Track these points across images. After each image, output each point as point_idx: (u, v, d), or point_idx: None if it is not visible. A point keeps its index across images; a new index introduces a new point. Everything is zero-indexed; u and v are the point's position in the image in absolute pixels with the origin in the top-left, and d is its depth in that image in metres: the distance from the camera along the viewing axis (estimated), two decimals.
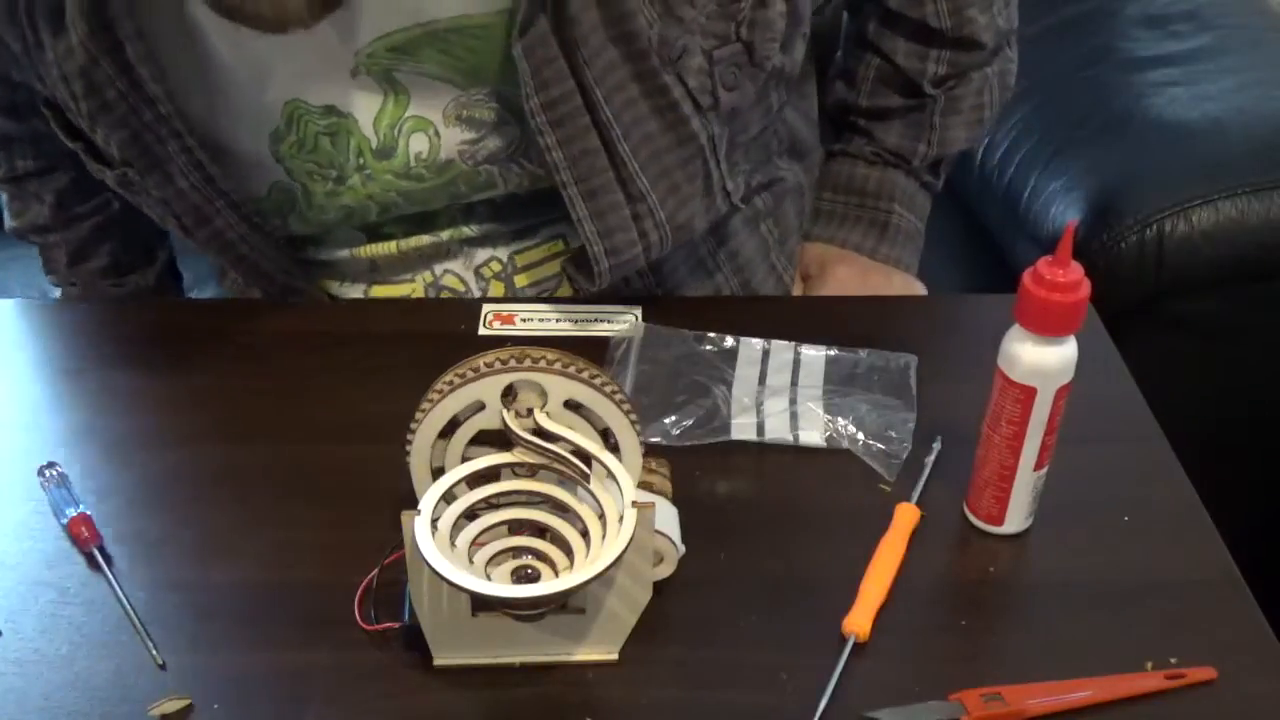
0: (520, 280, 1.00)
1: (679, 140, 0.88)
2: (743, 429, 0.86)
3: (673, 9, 0.84)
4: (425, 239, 0.97)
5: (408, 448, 0.70)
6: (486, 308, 0.97)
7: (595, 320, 0.96)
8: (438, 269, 1.00)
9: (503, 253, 0.99)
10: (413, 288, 1.00)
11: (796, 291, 1.11)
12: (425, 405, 0.69)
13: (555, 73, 0.83)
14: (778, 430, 0.86)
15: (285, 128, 0.89)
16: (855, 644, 0.72)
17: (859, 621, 0.73)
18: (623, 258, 0.90)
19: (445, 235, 0.97)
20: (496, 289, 1.00)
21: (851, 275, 1.10)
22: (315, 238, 0.98)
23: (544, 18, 0.81)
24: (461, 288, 1.00)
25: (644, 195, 0.88)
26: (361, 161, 0.90)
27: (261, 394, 0.90)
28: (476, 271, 1.00)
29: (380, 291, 1.01)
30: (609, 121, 0.85)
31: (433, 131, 0.89)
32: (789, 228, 1.08)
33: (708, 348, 0.92)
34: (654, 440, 0.84)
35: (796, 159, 1.09)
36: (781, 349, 0.93)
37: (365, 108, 0.88)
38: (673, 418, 0.86)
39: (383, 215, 0.95)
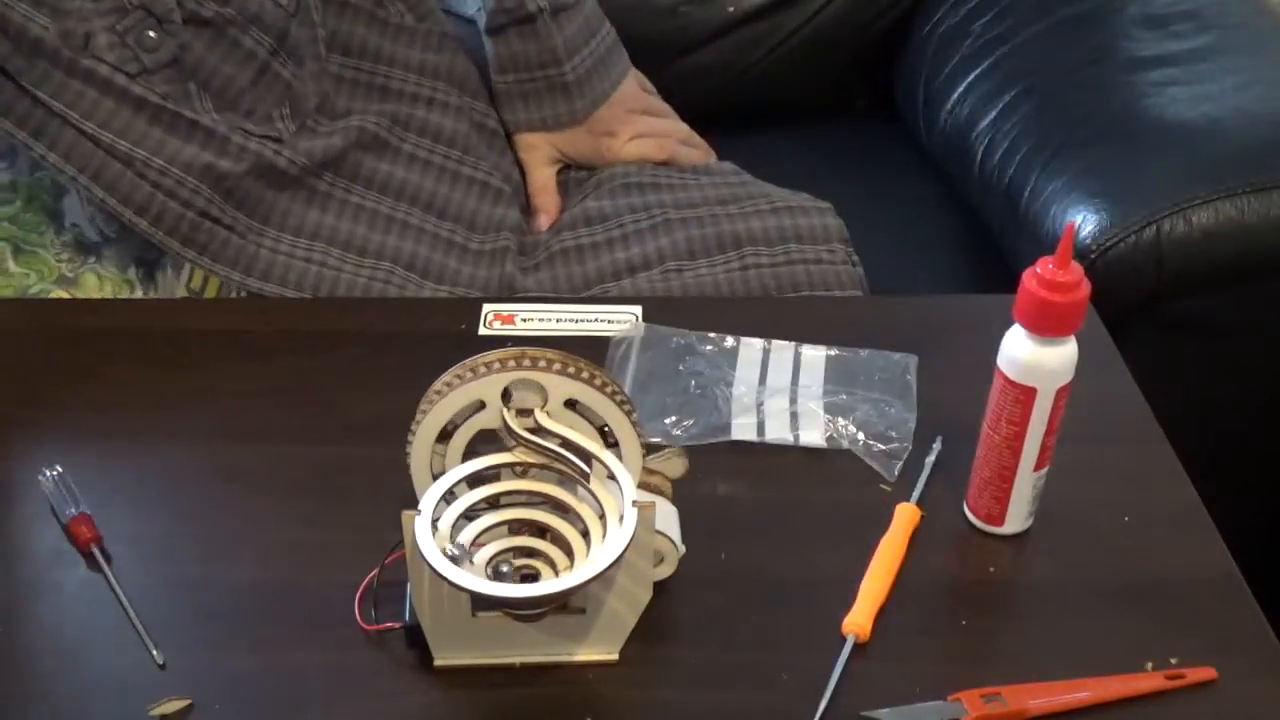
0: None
1: (134, 106, 0.93)
2: (743, 429, 0.86)
3: (59, 5, 0.90)
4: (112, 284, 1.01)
5: (408, 448, 0.70)
6: (486, 308, 0.97)
7: (595, 320, 0.96)
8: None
9: (185, 273, 1.02)
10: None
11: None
12: (425, 405, 0.69)
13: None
14: (778, 430, 0.86)
15: None
16: (855, 644, 0.72)
17: (859, 621, 0.73)
18: (151, 212, 0.95)
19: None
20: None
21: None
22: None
23: None
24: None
25: (130, 156, 0.94)
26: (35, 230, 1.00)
27: (261, 394, 0.90)
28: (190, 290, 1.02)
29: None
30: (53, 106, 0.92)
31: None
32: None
33: (708, 347, 0.92)
34: (654, 440, 0.84)
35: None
36: (781, 349, 0.93)
37: None
38: (673, 418, 0.86)
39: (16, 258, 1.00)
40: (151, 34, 0.93)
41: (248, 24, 0.97)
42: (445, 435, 0.70)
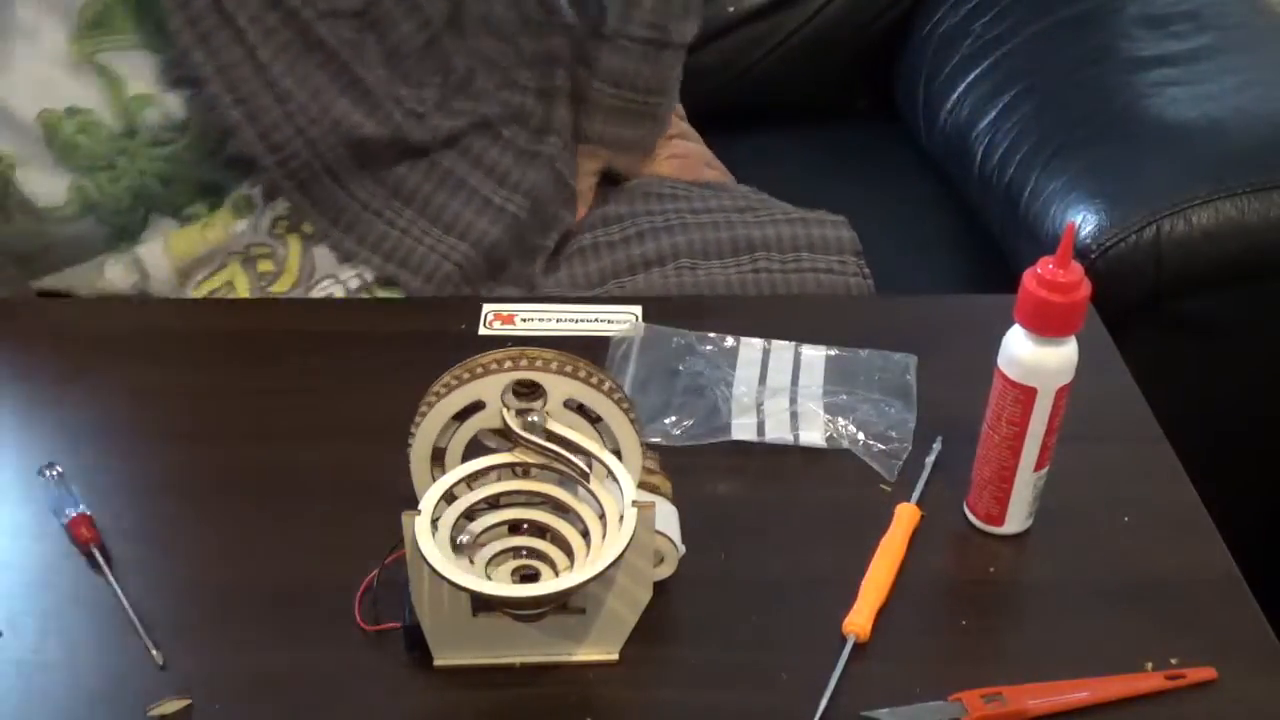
0: (308, 228, 1.02)
1: (311, 44, 0.95)
2: (743, 429, 0.86)
3: None
4: (219, 212, 1.00)
5: (408, 448, 0.70)
6: (486, 308, 0.97)
7: (595, 320, 0.96)
8: (236, 248, 1.02)
9: (280, 209, 1.01)
10: (232, 272, 1.02)
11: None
12: (425, 405, 0.69)
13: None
14: (778, 430, 0.86)
15: (49, 134, 0.95)
16: (855, 644, 0.72)
17: (859, 622, 0.73)
18: (285, 152, 0.96)
19: (232, 197, 1.00)
20: (295, 244, 1.01)
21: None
22: (134, 231, 1.00)
23: None
24: (268, 251, 1.02)
25: (290, 95, 0.95)
26: (118, 146, 0.96)
27: (261, 394, 0.90)
28: (274, 235, 1.02)
29: (207, 287, 1.02)
30: (244, 31, 0.93)
31: (154, 102, 0.95)
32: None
33: (708, 348, 0.92)
34: (654, 440, 0.84)
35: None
36: (781, 349, 0.93)
37: (99, 102, 0.94)
38: (673, 418, 0.86)
39: (167, 187, 0.98)
40: None
41: None
42: (445, 435, 0.70)
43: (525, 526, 0.70)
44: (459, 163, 1.04)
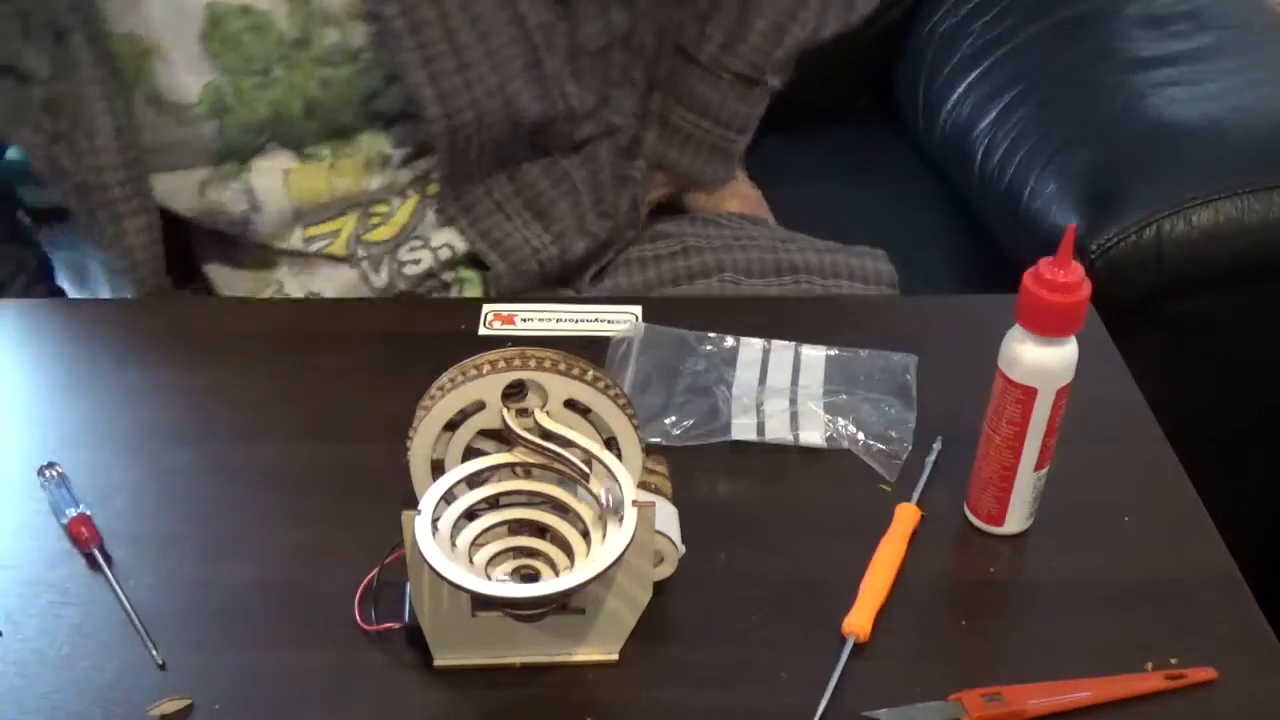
0: (431, 189, 1.01)
1: (507, 19, 0.94)
2: (743, 429, 0.86)
3: None
4: (349, 161, 0.99)
5: (408, 448, 0.70)
6: (486, 308, 0.97)
7: (595, 320, 0.96)
8: (361, 201, 1.01)
9: (419, 169, 1.01)
10: (344, 221, 1.01)
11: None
12: (425, 405, 0.69)
13: None
14: (778, 430, 0.86)
15: (210, 27, 0.92)
16: (855, 644, 0.72)
17: (859, 621, 0.73)
18: (455, 118, 0.95)
19: (364, 149, 0.99)
20: (412, 200, 1.01)
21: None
22: (246, 159, 0.99)
23: None
24: (385, 209, 1.01)
25: (473, 64, 0.94)
26: (284, 52, 0.94)
27: (261, 394, 0.90)
28: (400, 192, 1.01)
29: (315, 232, 1.01)
30: None
31: (340, 26, 0.94)
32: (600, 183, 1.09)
33: (708, 348, 0.92)
34: (654, 440, 0.84)
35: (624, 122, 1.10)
36: (781, 349, 0.93)
37: (277, 5, 0.93)
38: (673, 418, 0.86)
39: (308, 116, 0.96)
40: None
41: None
42: (445, 435, 0.70)
43: (525, 527, 0.70)
44: (577, 169, 1.05)
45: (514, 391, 0.69)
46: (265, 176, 0.99)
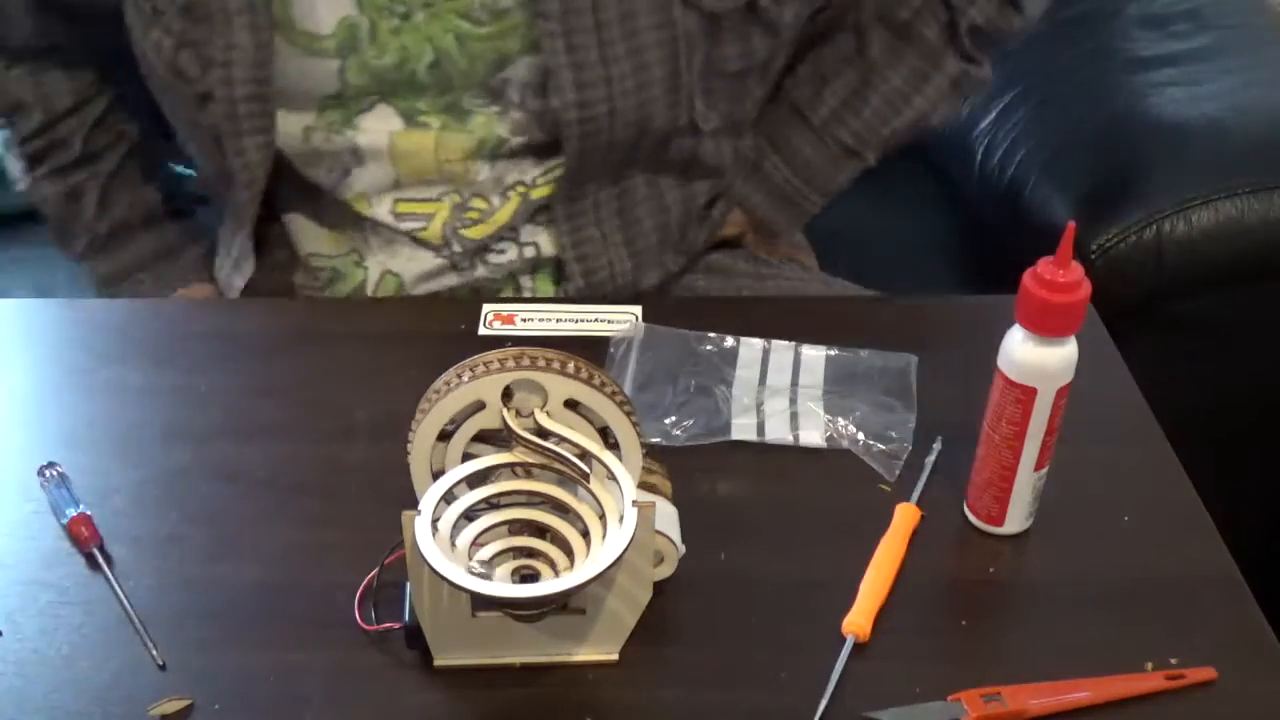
0: (536, 194, 1.00)
1: (657, 23, 0.93)
2: (743, 429, 0.86)
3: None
4: (458, 138, 0.98)
5: (408, 448, 0.70)
6: (486, 308, 0.97)
7: (595, 320, 0.96)
8: (466, 192, 1.00)
9: (528, 174, 1.00)
10: (439, 206, 1.00)
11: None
12: (425, 405, 0.69)
13: None
14: (778, 430, 0.86)
15: None
16: (855, 644, 0.72)
17: (859, 622, 0.73)
18: (588, 112, 0.94)
19: (478, 132, 0.98)
20: (514, 202, 1.00)
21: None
22: (350, 115, 0.98)
23: None
24: (485, 206, 1.00)
25: (613, 59, 0.93)
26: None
27: (261, 394, 0.90)
28: (502, 192, 1.00)
29: (407, 209, 1.01)
30: None
31: None
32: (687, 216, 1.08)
33: (708, 348, 0.92)
34: (654, 440, 0.84)
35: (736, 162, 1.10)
36: (781, 349, 0.93)
37: None
38: (673, 418, 0.86)
39: (431, 71, 0.95)
40: None
41: None
42: (445, 435, 0.70)
43: (525, 527, 0.70)
44: (672, 191, 1.05)
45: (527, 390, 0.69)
46: (369, 135, 0.97)
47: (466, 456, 0.71)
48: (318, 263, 1.04)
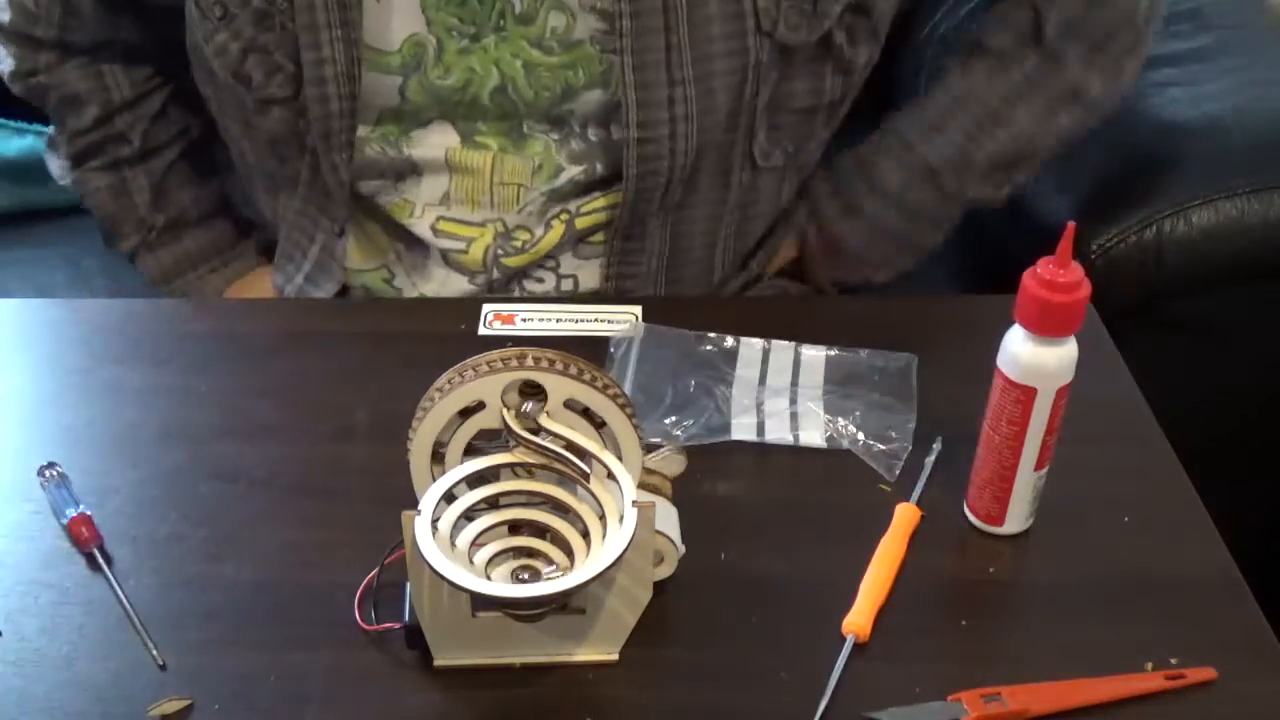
0: (580, 224, 1.00)
1: (729, 50, 0.92)
2: (743, 429, 0.86)
3: None
4: (516, 160, 0.97)
5: (408, 448, 0.70)
6: (486, 308, 0.97)
7: (595, 320, 0.96)
8: (510, 220, 0.99)
9: (573, 204, 1.00)
10: (481, 232, 1.00)
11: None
12: (425, 405, 0.69)
13: None
14: (778, 430, 0.86)
15: None
16: (855, 644, 0.72)
17: (859, 622, 0.73)
18: (647, 134, 0.93)
19: (537, 158, 0.97)
20: (557, 232, 1.00)
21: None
22: (408, 129, 0.98)
23: None
24: (528, 237, 1.00)
25: (679, 83, 0.92)
26: (501, 23, 0.93)
27: (261, 394, 0.90)
28: (547, 223, 1.00)
29: (447, 228, 1.00)
30: (677, 6, 0.90)
31: (570, 13, 0.93)
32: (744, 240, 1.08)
33: (708, 347, 0.92)
34: (654, 440, 0.84)
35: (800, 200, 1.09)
36: (781, 349, 0.93)
37: None
38: (673, 418, 0.86)
39: (494, 97, 0.95)
40: None
41: None
42: (445, 435, 0.70)
43: (525, 527, 0.70)
44: (728, 227, 1.04)
45: (531, 391, 0.69)
46: (425, 149, 0.97)
47: (467, 456, 0.71)
48: (349, 279, 1.04)
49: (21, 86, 1.10)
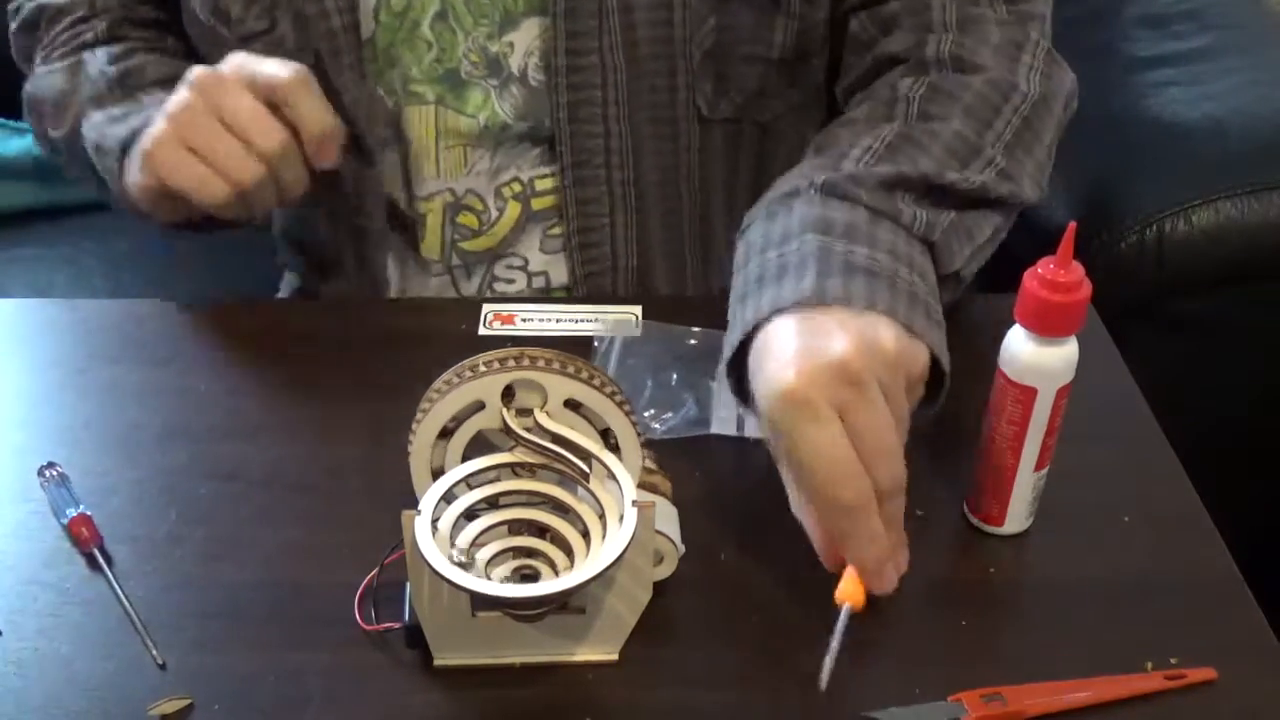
0: (536, 204, 1.00)
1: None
2: (722, 423, 0.86)
3: None
4: (460, 119, 0.97)
5: (408, 448, 0.70)
6: (486, 308, 0.97)
7: (595, 320, 0.96)
8: (459, 188, 1.00)
9: (525, 173, 1.00)
10: (429, 206, 1.00)
11: None
12: (425, 405, 0.69)
13: None
14: (757, 426, 0.86)
15: None
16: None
17: (850, 590, 0.69)
18: (580, 80, 0.94)
19: (478, 112, 0.97)
20: (513, 211, 1.00)
21: None
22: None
23: None
24: (480, 207, 1.00)
25: (611, 10, 0.93)
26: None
27: (261, 394, 0.90)
28: (497, 191, 1.00)
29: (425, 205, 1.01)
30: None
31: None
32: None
33: (691, 343, 0.92)
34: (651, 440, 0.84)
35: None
36: None
37: None
38: (651, 411, 0.86)
39: (436, 27, 0.95)
40: None
41: None
42: (445, 435, 0.70)
43: (525, 527, 0.70)
44: (691, 209, 1.03)
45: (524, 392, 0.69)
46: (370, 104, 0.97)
47: (466, 456, 0.71)
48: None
49: (19, 24, 1.06)
